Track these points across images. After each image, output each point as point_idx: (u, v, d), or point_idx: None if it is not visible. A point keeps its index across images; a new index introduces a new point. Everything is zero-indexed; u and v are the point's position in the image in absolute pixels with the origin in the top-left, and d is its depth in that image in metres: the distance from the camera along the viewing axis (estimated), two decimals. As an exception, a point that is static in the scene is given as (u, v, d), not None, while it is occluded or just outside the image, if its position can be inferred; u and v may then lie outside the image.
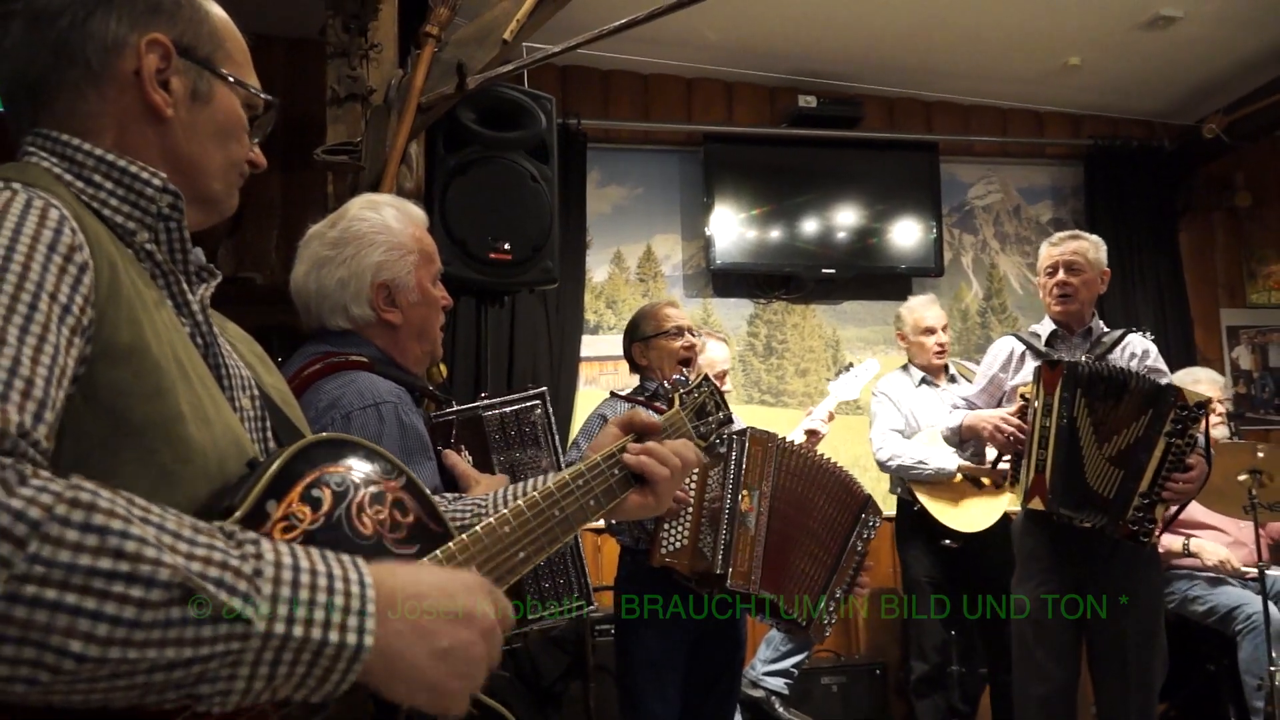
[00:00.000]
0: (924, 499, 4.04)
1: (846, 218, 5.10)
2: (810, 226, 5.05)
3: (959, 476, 3.97)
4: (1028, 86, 5.20)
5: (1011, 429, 3.11)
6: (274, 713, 0.84)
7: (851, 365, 4.09)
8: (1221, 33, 4.61)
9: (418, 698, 0.85)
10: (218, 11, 1.09)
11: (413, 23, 2.83)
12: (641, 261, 5.06)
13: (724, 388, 3.69)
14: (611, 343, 4.92)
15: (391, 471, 1.00)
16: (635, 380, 3.20)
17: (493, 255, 2.96)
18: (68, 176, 0.97)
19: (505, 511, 1.11)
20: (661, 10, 2.72)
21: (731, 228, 4.96)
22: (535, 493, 1.16)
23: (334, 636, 0.78)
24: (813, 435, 3.66)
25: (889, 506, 4.41)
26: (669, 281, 5.07)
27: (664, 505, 1.31)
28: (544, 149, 3.12)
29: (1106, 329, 3.34)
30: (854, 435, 4.99)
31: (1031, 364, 3.27)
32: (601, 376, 4.89)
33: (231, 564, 0.76)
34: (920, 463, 3.98)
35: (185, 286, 1.02)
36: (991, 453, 3.87)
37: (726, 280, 5.10)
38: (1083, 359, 3.09)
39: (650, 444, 1.30)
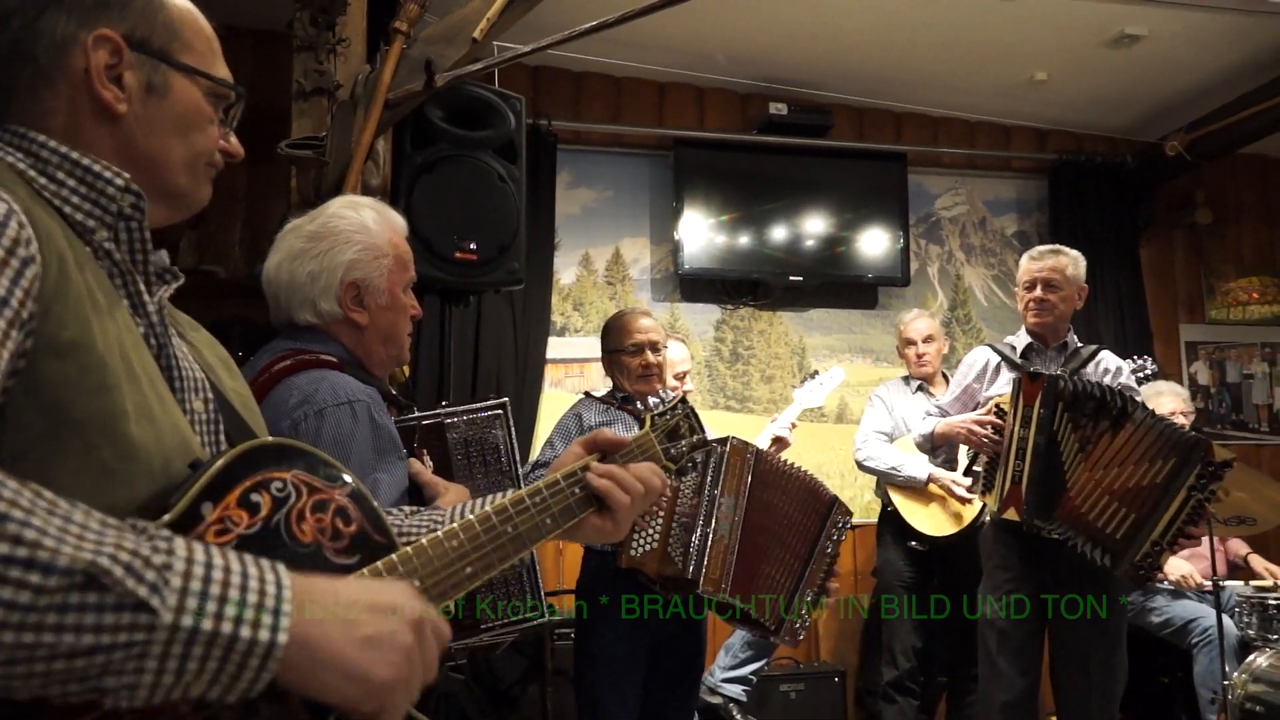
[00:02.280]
0: (897, 501, 4.16)
1: (815, 226, 5.12)
2: (779, 233, 5.06)
3: (930, 485, 4.04)
4: (995, 100, 5.25)
5: (986, 430, 3.12)
6: (191, 715, 0.82)
7: (817, 373, 4.11)
8: (1185, 52, 4.68)
9: (347, 691, 0.82)
10: (175, 1, 1.07)
11: (382, 18, 2.80)
12: (610, 264, 5.04)
13: (685, 387, 3.69)
14: (578, 345, 4.90)
15: (337, 479, 0.98)
16: (610, 381, 3.19)
17: (458, 255, 2.94)
18: (31, 172, 0.97)
19: (455, 525, 1.10)
20: (632, 14, 2.72)
21: (700, 233, 4.96)
22: (489, 508, 1.15)
23: (246, 632, 0.77)
24: (779, 443, 3.66)
25: (875, 511, 4.48)
26: (637, 285, 5.06)
27: (622, 531, 1.29)
28: (512, 149, 3.10)
29: (1079, 344, 3.36)
30: (819, 443, 5.02)
31: (1006, 375, 3.29)
32: (567, 379, 4.87)
33: (141, 553, 0.75)
34: (894, 468, 4.10)
35: (142, 287, 1.02)
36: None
37: (694, 285, 5.10)
38: (1061, 373, 3.11)
39: (614, 468, 1.28)
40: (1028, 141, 5.59)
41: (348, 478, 1.00)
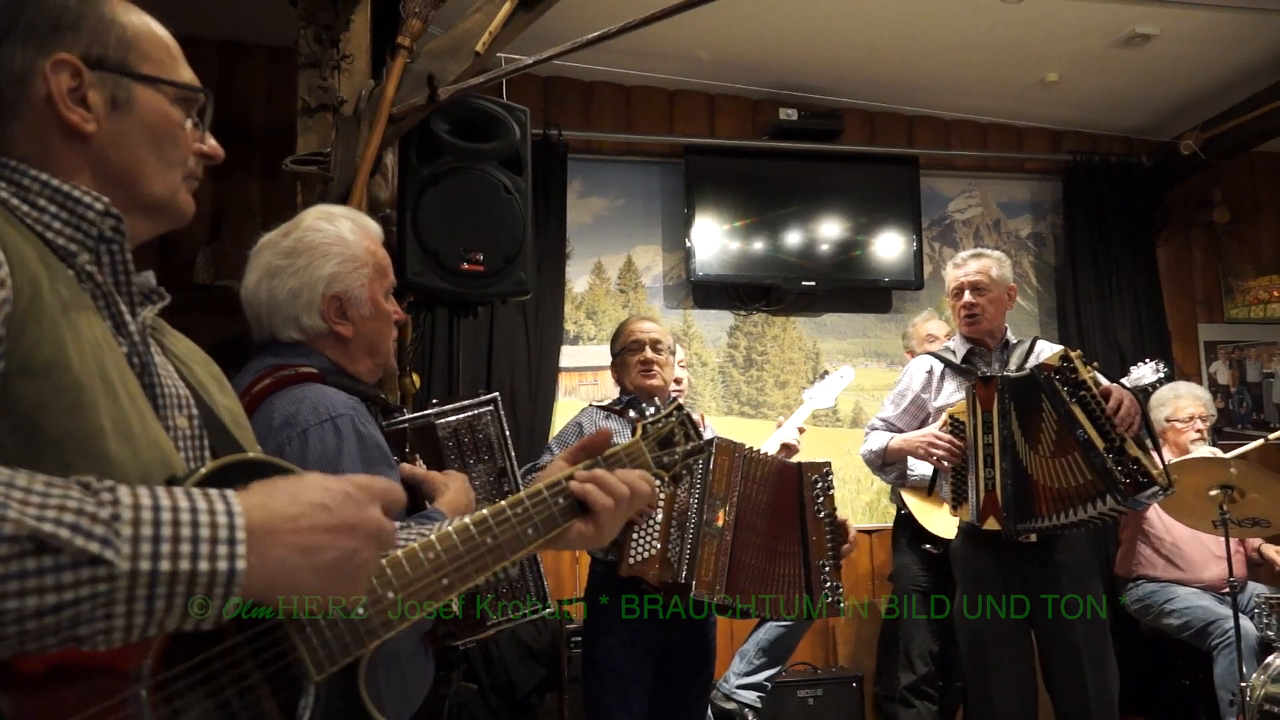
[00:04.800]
0: (910, 504, 4.15)
1: (828, 230, 5.12)
2: (791, 239, 5.07)
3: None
4: (1007, 102, 5.23)
5: (945, 445, 3.07)
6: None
7: (827, 373, 4.10)
8: (1197, 51, 4.65)
9: (314, 607, 0.90)
10: (127, 16, 1.09)
11: (385, 34, 2.83)
12: (622, 272, 5.06)
13: (680, 378, 3.67)
14: (591, 353, 4.92)
15: None
16: (617, 392, 3.21)
17: (465, 266, 2.95)
18: (14, 200, 0.99)
19: (433, 537, 1.11)
20: (634, 24, 2.73)
21: (712, 239, 4.97)
22: (468, 519, 1.16)
23: (204, 565, 0.80)
24: (787, 449, 3.65)
25: (891, 515, 4.47)
26: (649, 292, 5.08)
27: (607, 537, 1.30)
28: (518, 160, 3.12)
29: (1015, 339, 3.32)
30: (833, 447, 5.00)
31: (951, 383, 3.26)
32: (581, 387, 4.89)
33: (87, 510, 0.77)
34: (909, 470, 4.04)
35: (124, 308, 1.04)
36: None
37: (707, 292, 5.11)
38: (1008, 372, 3.08)
39: (597, 472, 1.29)
40: (1041, 142, 5.56)
41: None
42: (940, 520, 4.06)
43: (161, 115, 1.09)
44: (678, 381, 3.65)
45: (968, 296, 3.23)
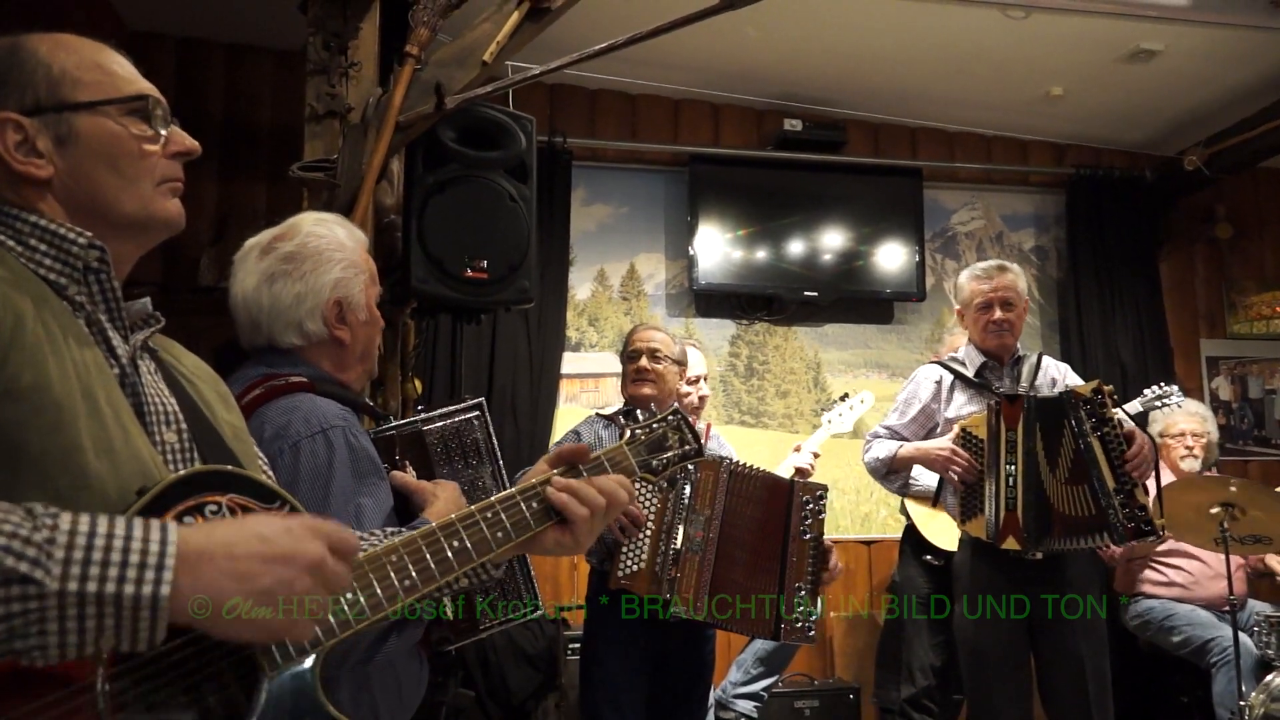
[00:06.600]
0: (914, 515, 4.14)
1: (830, 241, 5.13)
2: (794, 249, 5.08)
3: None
4: (1011, 115, 5.24)
5: (964, 459, 3.03)
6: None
7: (846, 396, 4.10)
8: (1202, 67, 4.66)
9: (251, 635, 0.91)
10: (53, 53, 1.10)
11: (393, 42, 2.84)
12: (625, 280, 5.07)
13: (702, 391, 3.66)
14: (593, 360, 4.93)
15: (274, 500, 1.03)
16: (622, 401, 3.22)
17: (469, 273, 2.96)
18: (11, 243, 1.05)
19: (397, 540, 1.13)
20: (641, 35, 2.74)
21: (715, 248, 4.98)
22: (434, 522, 1.17)
23: (129, 589, 0.83)
24: (801, 474, 3.63)
25: (890, 527, 4.46)
26: (652, 300, 5.08)
27: (584, 545, 1.28)
28: (523, 169, 3.12)
29: (1022, 352, 3.29)
30: (836, 459, 4.98)
31: (961, 395, 3.22)
32: (582, 394, 4.90)
33: (21, 534, 0.81)
34: (913, 479, 4.03)
35: (112, 333, 1.08)
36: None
37: (709, 300, 5.12)
38: (1033, 391, 3.07)
39: (573, 481, 1.27)
40: (1045, 156, 5.57)
41: (285, 498, 1.04)
42: (942, 532, 4.06)
43: (108, 135, 1.10)
44: (693, 382, 3.61)
45: (1000, 313, 3.17)
